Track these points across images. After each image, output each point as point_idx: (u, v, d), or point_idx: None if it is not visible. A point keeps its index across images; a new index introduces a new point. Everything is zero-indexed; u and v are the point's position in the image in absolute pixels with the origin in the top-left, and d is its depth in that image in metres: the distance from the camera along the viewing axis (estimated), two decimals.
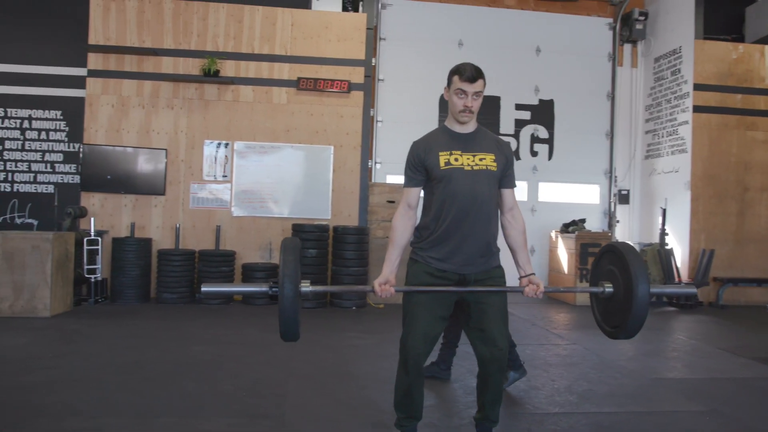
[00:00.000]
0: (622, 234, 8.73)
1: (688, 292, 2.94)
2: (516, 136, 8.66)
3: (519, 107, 8.68)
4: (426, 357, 2.67)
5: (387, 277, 2.65)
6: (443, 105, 8.53)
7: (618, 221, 8.71)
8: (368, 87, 7.63)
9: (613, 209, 8.72)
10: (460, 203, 2.64)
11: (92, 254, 6.58)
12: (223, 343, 4.86)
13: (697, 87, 7.83)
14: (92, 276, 6.51)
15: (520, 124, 8.68)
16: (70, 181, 7.65)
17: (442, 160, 2.66)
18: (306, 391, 3.67)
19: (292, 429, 3.04)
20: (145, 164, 7.20)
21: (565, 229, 7.91)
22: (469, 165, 2.66)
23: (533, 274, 2.77)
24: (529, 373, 4.24)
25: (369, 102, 7.67)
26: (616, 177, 8.77)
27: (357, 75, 7.55)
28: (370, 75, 7.68)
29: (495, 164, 2.69)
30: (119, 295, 6.67)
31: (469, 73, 2.62)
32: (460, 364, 4.25)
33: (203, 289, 2.55)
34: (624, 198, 8.74)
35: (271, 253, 7.35)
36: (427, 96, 8.45)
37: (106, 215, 7.18)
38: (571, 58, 8.73)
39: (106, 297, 6.76)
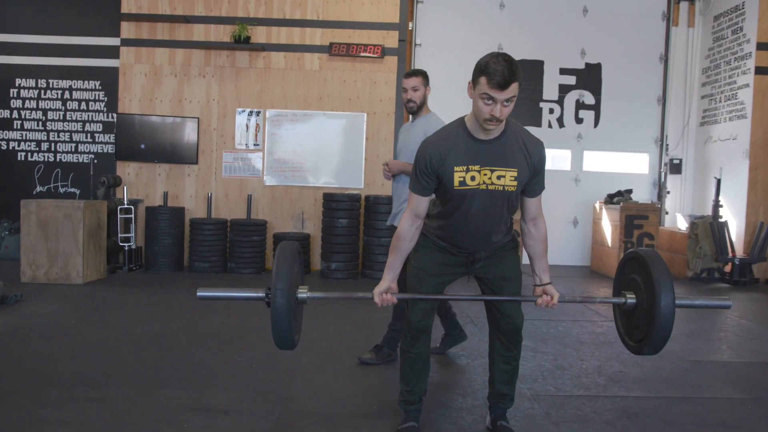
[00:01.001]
0: (672, 205, 8.25)
1: (721, 305, 2.60)
2: (560, 102, 8.23)
3: (563, 72, 8.21)
4: (428, 326, 2.56)
5: (388, 284, 2.45)
6: None
7: (668, 192, 8.21)
8: (402, 52, 7.35)
9: (663, 179, 8.22)
10: (470, 222, 2.41)
11: (127, 223, 6.65)
12: (247, 314, 4.80)
13: (761, 46, 7.18)
14: (126, 244, 6.59)
15: (564, 89, 8.23)
16: (109, 151, 7.74)
17: (456, 179, 2.31)
18: (320, 366, 3.57)
19: (294, 407, 2.94)
20: (177, 133, 7.19)
21: (610, 200, 7.52)
22: (485, 184, 2.32)
23: (549, 284, 2.51)
24: (557, 351, 4.03)
25: (404, 67, 7.38)
26: (667, 145, 8.24)
27: (391, 39, 7.28)
28: (405, 39, 7.39)
29: (514, 183, 2.33)
30: (153, 263, 6.74)
31: (500, 77, 2.10)
32: (485, 340, 4.06)
33: (198, 294, 2.44)
34: (676, 167, 8.21)
35: (303, 222, 7.26)
36: (466, 61, 7.93)
37: (141, 184, 7.24)
38: (620, 19, 8.17)
39: (141, 265, 6.85)
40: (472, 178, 2.32)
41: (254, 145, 7.25)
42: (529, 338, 4.33)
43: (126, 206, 6.62)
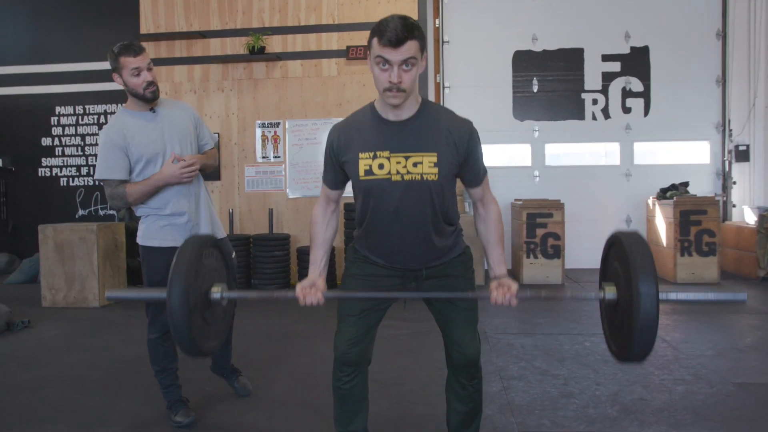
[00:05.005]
0: (740, 197, 7.33)
1: (731, 299, 1.95)
2: (604, 91, 7.53)
3: (606, 58, 7.51)
4: (356, 359, 2.11)
5: (313, 280, 2.07)
6: (517, 64, 7.63)
7: (735, 183, 7.30)
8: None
9: (727, 169, 7.33)
10: (386, 223, 2.01)
11: None
12: (247, 335, 4.53)
13: None
14: None
15: (608, 77, 7.53)
16: None
17: (361, 167, 1.95)
18: (311, 396, 3.21)
19: None
20: None
21: (663, 194, 6.75)
22: (398, 173, 1.93)
23: (505, 275, 2.04)
24: (571, 374, 3.48)
25: (426, 67, 6.97)
26: (731, 130, 7.34)
27: None
28: (426, 37, 6.97)
29: (435, 170, 1.93)
30: None
31: (392, 33, 1.77)
32: (490, 360, 3.57)
33: (107, 295, 2.16)
34: (742, 155, 7.30)
35: None
36: (498, 55, 7.61)
37: None
38: None
39: None
40: (380, 167, 1.94)
41: (275, 157, 7.04)
42: (545, 358, 3.80)
43: None
